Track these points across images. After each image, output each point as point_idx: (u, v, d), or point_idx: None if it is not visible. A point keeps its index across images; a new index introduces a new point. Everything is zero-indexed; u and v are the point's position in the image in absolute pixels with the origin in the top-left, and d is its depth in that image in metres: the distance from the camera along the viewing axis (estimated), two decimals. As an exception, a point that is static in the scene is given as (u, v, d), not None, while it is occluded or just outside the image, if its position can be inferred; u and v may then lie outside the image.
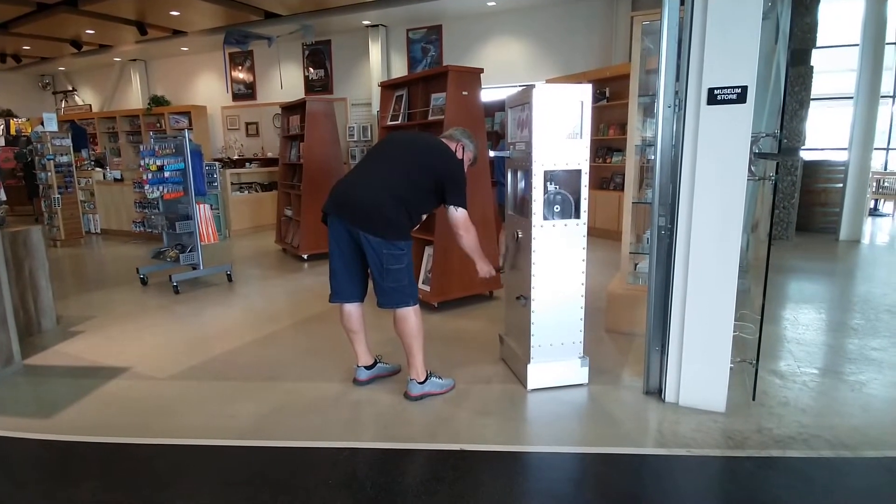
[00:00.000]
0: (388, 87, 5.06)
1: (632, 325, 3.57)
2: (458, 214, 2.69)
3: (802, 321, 3.89)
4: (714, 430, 2.39)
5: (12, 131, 12.14)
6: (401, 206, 2.58)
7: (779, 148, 2.53)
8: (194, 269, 5.21)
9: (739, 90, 2.25)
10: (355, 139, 10.27)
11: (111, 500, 2.04)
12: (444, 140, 2.85)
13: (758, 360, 2.56)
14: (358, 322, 2.84)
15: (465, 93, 4.14)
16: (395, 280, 2.61)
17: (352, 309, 2.81)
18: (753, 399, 2.63)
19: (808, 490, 2.03)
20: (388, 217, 2.56)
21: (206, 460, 2.34)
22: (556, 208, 2.69)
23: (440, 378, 2.83)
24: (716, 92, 2.28)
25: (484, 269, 2.88)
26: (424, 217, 2.82)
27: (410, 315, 2.66)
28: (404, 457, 2.32)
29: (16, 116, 12.70)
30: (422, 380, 2.75)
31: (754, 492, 2.01)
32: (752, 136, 2.33)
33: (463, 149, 2.85)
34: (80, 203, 7.91)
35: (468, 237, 2.74)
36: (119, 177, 8.29)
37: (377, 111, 8.00)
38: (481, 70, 4.31)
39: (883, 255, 6.40)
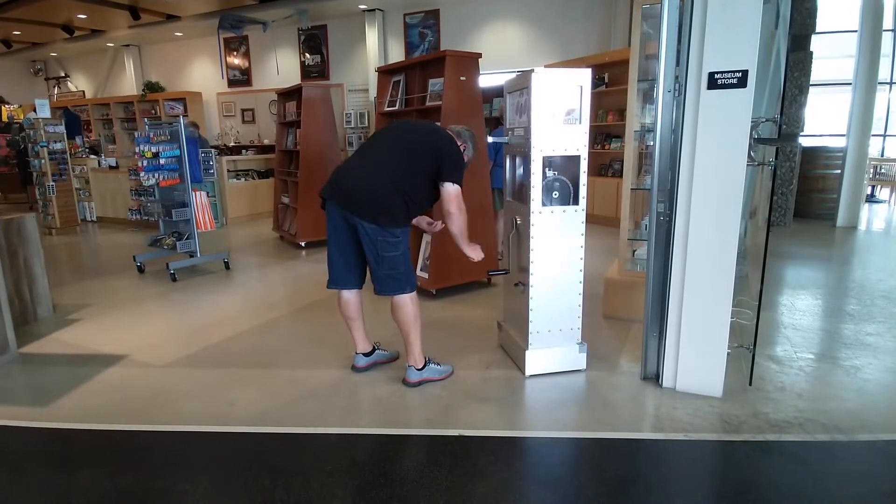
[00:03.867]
0: (386, 72, 5.02)
1: (630, 311, 3.58)
2: (452, 188, 2.58)
3: (799, 307, 3.90)
4: (711, 415, 2.41)
5: (4, 118, 12.00)
6: (397, 193, 2.56)
7: (778, 133, 2.52)
8: (191, 256, 5.19)
9: (740, 74, 2.23)
10: (352, 125, 10.20)
11: (110, 487, 2.05)
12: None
13: (755, 345, 2.57)
14: (356, 309, 2.84)
15: (462, 78, 4.10)
16: (390, 267, 2.60)
17: (349, 296, 2.81)
18: (750, 384, 2.65)
19: (803, 473, 2.05)
20: (383, 204, 2.54)
21: (205, 447, 2.34)
22: (555, 194, 2.68)
23: (439, 364, 2.84)
24: (716, 76, 2.26)
25: (472, 253, 2.76)
26: (423, 210, 2.76)
27: (407, 302, 2.66)
28: (403, 443, 2.33)
29: (7, 103, 12.56)
30: (420, 366, 2.76)
31: (750, 475, 2.03)
32: (751, 122, 2.31)
33: (464, 149, 2.80)
34: (75, 191, 7.85)
35: (460, 218, 2.62)
36: (114, 164, 8.23)
37: (374, 97, 7.94)
38: (479, 55, 4.26)
39: (879, 242, 6.42)
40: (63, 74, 14.15)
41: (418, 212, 2.73)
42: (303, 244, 6.24)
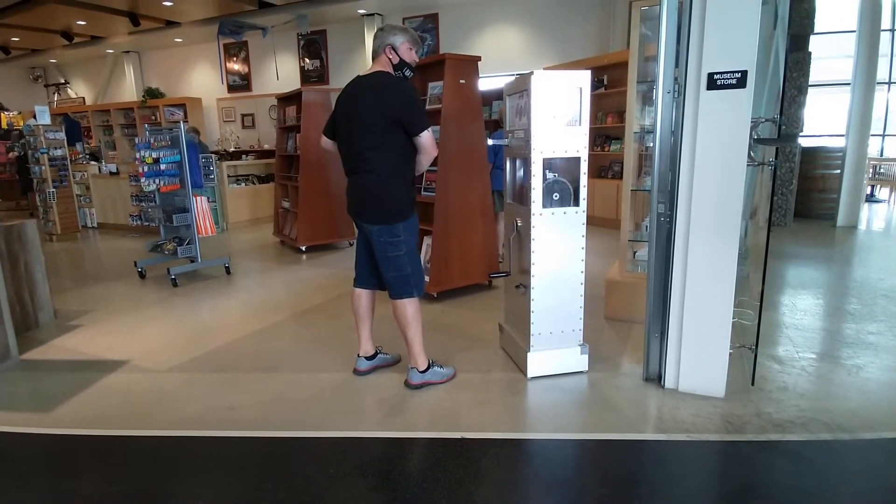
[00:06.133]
0: (385, 76, 5.02)
1: (631, 312, 3.58)
2: (425, 138, 2.51)
3: (800, 307, 3.90)
4: (713, 415, 2.40)
5: (3, 125, 12.02)
6: (388, 179, 2.56)
7: (778, 133, 2.52)
8: (192, 261, 5.19)
9: (739, 75, 2.23)
10: (351, 130, 10.19)
11: (113, 492, 2.05)
12: (378, 65, 2.62)
13: (757, 345, 2.57)
14: (366, 307, 2.87)
15: (462, 81, 4.11)
16: (396, 268, 2.63)
17: (362, 292, 2.86)
18: (752, 384, 2.65)
19: (806, 472, 2.05)
20: (382, 198, 2.57)
21: (207, 451, 2.34)
22: (555, 196, 2.68)
23: (441, 367, 2.84)
24: (715, 77, 2.27)
25: None
26: (417, 169, 2.70)
27: (406, 304, 2.68)
28: (405, 445, 2.33)
29: (7, 109, 12.58)
30: (423, 368, 2.76)
31: (754, 475, 2.02)
32: (751, 122, 2.32)
33: (394, 49, 2.59)
34: (76, 197, 7.85)
35: (433, 156, 2.64)
36: (115, 170, 8.24)
37: (373, 101, 7.93)
38: (479, 58, 4.27)
39: (879, 241, 6.42)
40: (63, 81, 14.19)
41: (415, 171, 2.68)
42: (303, 248, 6.23)
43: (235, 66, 11.86)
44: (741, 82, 2.24)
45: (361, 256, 2.82)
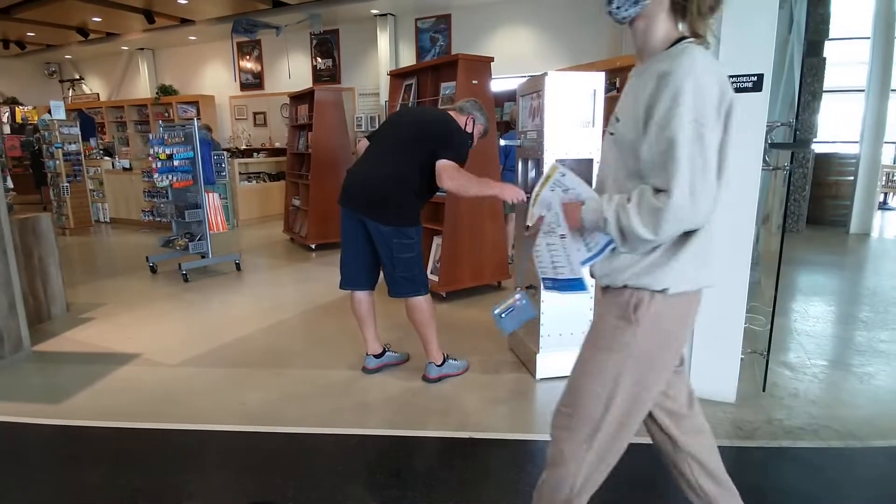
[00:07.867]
0: (398, 75, 5.05)
1: (640, 316, 3.55)
2: (441, 163, 2.47)
3: (812, 313, 3.87)
4: (724, 421, 2.39)
5: (18, 119, 12.15)
6: (408, 190, 2.58)
7: (794, 138, 2.50)
8: (203, 257, 5.23)
9: (756, 78, 2.22)
10: (363, 129, 10.24)
11: (122, 484, 2.07)
12: (452, 112, 2.80)
13: (769, 351, 2.56)
14: (367, 309, 2.86)
15: (474, 82, 4.12)
16: (405, 269, 2.63)
17: (362, 296, 2.84)
18: (764, 390, 2.63)
19: (817, 479, 2.03)
20: (396, 205, 2.57)
21: (216, 446, 2.36)
22: (567, 198, 2.67)
23: (455, 360, 2.90)
24: (731, 80, 2.25)
25: (506, 193, 2.40)
26: (430, 197, 2.78)
27: (422, 303, 2.69)
28: (413, 444, 2.33)
29: (21, 104, 12.70)
30: (439, 362, 2.81)
31: (764, 481, 2.01)
32: (766, 126, 2.30)
33: (473, 122, 2.80)
34: (89, 192, 7.94)
35: (453, 184, 2.47)
36: (128, 166, 8.32)
37: (385, 101, 7.97)
38: (491, 59, 4.28)
39: (892, 249, 6.35)
40: (77, 77, 14.33)
41: (429, 197, 2.74)
42: (313, 246, 6.26)
43: (248, 64, 11.92)
44: (757, 86, 2.23)
45: (361, 258, 2.74)
